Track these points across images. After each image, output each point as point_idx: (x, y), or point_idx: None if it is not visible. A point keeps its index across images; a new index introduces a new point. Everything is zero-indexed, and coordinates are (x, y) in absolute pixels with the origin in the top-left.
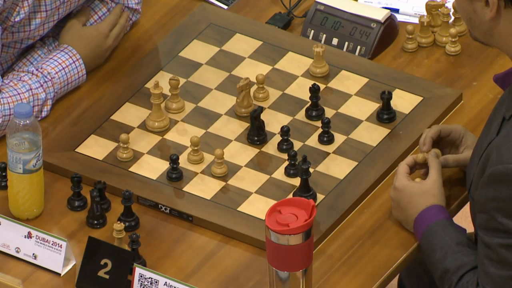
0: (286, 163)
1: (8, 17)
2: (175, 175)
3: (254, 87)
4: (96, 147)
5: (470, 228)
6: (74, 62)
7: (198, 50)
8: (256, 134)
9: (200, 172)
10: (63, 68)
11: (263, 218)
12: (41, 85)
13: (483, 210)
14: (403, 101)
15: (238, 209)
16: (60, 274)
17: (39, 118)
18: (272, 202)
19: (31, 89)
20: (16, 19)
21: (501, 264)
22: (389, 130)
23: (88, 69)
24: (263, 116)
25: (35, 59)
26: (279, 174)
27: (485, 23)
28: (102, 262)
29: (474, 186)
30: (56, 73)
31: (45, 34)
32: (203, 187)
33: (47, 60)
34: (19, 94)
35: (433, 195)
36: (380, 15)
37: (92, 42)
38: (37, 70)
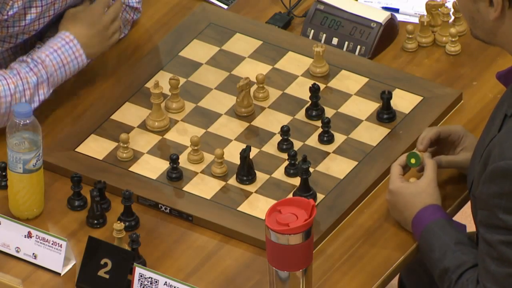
0: (286, 163)
1: (1, 11)
2: (175, 175)
3: (254, 87)
4: (96, 147)
5: (469, 228)
6: (67, 43)
7: (198, 50)
8: (246, 174)
9: (200, 172)
10: (55, 51)
11: (263, 217)
12: (31, 69)
13: (484, 207)
14: (403, 101)
15: (238, 209)
16: (60, 274)
17: (36, 103)
18: (272, 202)
19: (18, 73)
20: (9, 13)
21: (501, 262)
22: (389, 130)
23: (91, 50)
24: (263, 116)
25: None
26: (279, 173)
27: (488, 23)
28: (102, 262)
29: (475, 184)
30: (47, 56)
31: (40, 29)
32: (203, 187)
33: (39, 47)
34: (5, 79)
35: (428, 194)
36: (380, 14)
37: (86, 19)
38: (27, 57)
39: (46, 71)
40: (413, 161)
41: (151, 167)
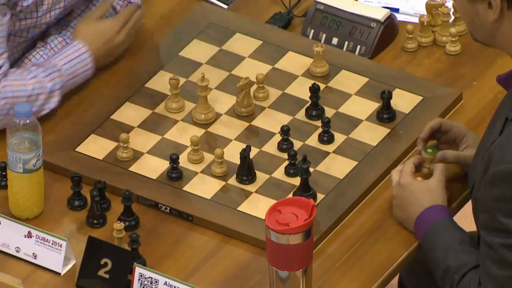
0: (286, 162)
1: (16, 2)
2: (175, 175)
3: (254, 87)
4: (96, 147)
5: (469, 228)
6: (81, 54)
7: (198, 50)
8: (246, 173)
9: (200, 172)
10: (70, 61)
11: (263, 217)
12: (48, 75)
13: (485, 210)
14: (403, 101)
15: (238, 208)
16: (60, 274)
17: (46, 111)
18: (272, 201)
19: (36, 76)
20: (24, 4)
21: (502, 264)
22: (389, 130)
23: (98, 64)
24: (263, 116)
25: (37, 60)
26: (279, 173)
27: (487, 25)
28: (102, 262)
29: (476, 186)
30: (63, 64)
31: (51, 23)
32: (203, 187)
33: (56, 54)
34: (23, 79)
35: (436, 194)
36: (380, 14)
37: (103, 36)
38: (42, 62)
39: (61, 80)
40: (429, 150)
41: (151, 167)
